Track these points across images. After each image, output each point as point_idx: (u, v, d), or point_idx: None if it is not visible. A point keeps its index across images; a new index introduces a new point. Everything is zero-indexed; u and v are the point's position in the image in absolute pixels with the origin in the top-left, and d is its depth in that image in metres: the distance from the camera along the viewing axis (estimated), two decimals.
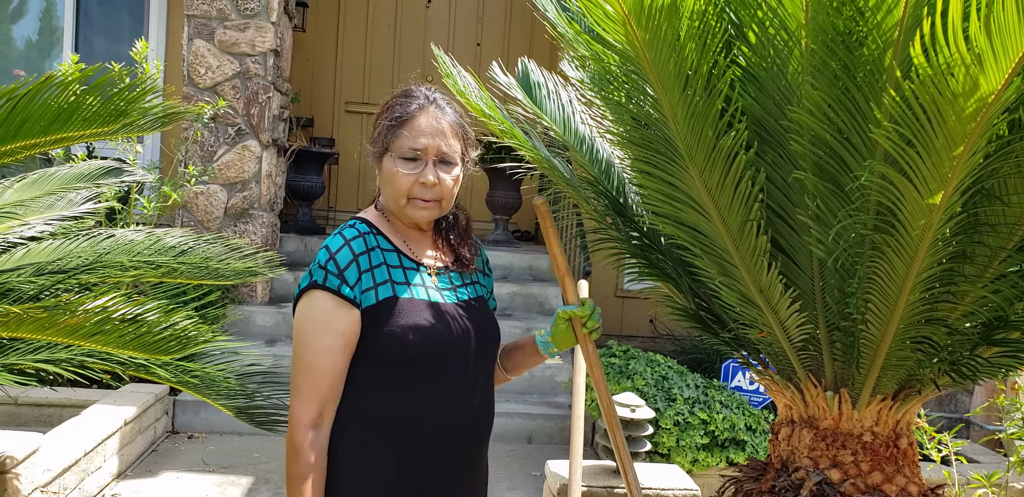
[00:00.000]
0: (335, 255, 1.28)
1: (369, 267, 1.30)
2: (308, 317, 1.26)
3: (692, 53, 1.15)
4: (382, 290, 1.30)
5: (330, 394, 1.26)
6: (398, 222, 1.39)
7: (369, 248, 1.32)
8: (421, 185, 1.31)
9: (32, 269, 1.82)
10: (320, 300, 1.26)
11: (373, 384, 1.29)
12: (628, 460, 1.46)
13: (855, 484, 1.30)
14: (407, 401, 1.29)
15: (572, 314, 1.46)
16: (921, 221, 1.09)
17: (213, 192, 4.62)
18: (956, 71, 0.96)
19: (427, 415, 1.30)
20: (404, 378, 1.29)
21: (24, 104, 1.26)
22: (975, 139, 1.02)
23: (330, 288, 1.25)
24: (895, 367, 1.30)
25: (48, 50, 5.59)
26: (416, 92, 1.38)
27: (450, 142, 1.34)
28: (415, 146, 1.31)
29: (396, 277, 1.33)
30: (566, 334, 1.47)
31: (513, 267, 5.29)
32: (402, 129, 1.33)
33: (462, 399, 1.33)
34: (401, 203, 1.34)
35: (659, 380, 3.51)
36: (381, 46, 6.36)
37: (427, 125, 1.33)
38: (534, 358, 1.52)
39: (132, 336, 1.19)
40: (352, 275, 1.27)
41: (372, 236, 1.35)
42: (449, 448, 1.32)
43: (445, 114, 1.36)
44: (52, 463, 2.67)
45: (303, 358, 1.26)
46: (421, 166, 1.32)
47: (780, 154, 1.30)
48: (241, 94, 4.57)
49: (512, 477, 3.52)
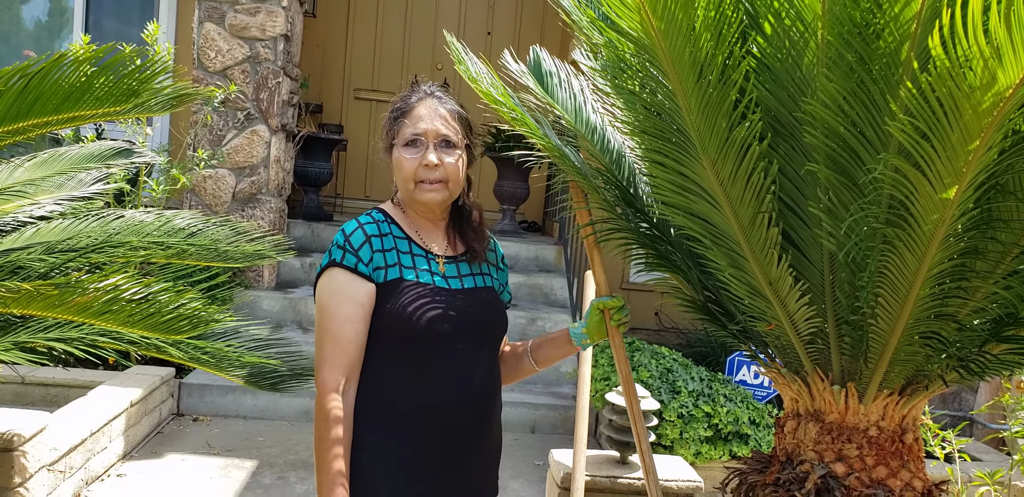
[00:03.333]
0: (350, 236, 1.37)
1: (381, 249, 1.38)
2: (330, 291, 1.35)
3: (707, 43, 1.14)
4: (391, 272, 1.37)
5: (355, 361, 1.34)
6: (413, 213, 1.47)
7: (381, 233, 1.40)
8: (424, 167, 1.38)
9: (42, 248, 1.83)
10: (339, 275, 1.35)
11: (379, 360, 1.36)
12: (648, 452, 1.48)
13: (860, 478, 1.30)
14: (408, 377, 1.36)
15: (605, 305, 1.51)
16: (934, 216, 1.09)
17: (221, 176, 4.62)
18: (974, 64, 0.95)
19: (427, 391, 1.36)
20: (405, 356, 1.36)
21: (37, 82, 1.26)
22: (991, 134, 1.01)
23: (347, 265, 1.35)
24: (903, 362, 1.30)
25: (58, 31, 5.59)
26: (417, 88, 1.47)
27: (451, 125, 1.41)
28: (415, 131, 1.39)
29: (405, 262, 1.40)
30: (600, 326, 1.52)
31: (519, 257, 5.29)
32: (404, 119, 1.41)
33: (463, 377, 1.39)
34: (410, 188, 1.40)
35: (664, 372, 3.51)
36: (391, 33, 6.33)
37: (426, 112, 1.41)
38: (565, 349, 1.56)
39: (141, 316, 1.20)
40: (366, 254, 1.36)
41: (386, 224, 1.42)
42: (452, 421, 1.37)
43: (444, 103, 1.44)
44: (59, 442, 2.70)
45: (328, 329, 1.33)
46: (423, 149, 1.39)
47: (793, 146, 1.29)
48: (251, 78, 4.57)
49: (515, 466, 3.54)
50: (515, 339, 2.93)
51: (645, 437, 1.51)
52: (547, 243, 5.46)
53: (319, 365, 1.34)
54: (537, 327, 4.59)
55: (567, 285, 4.96)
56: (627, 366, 1.55)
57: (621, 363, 1.53)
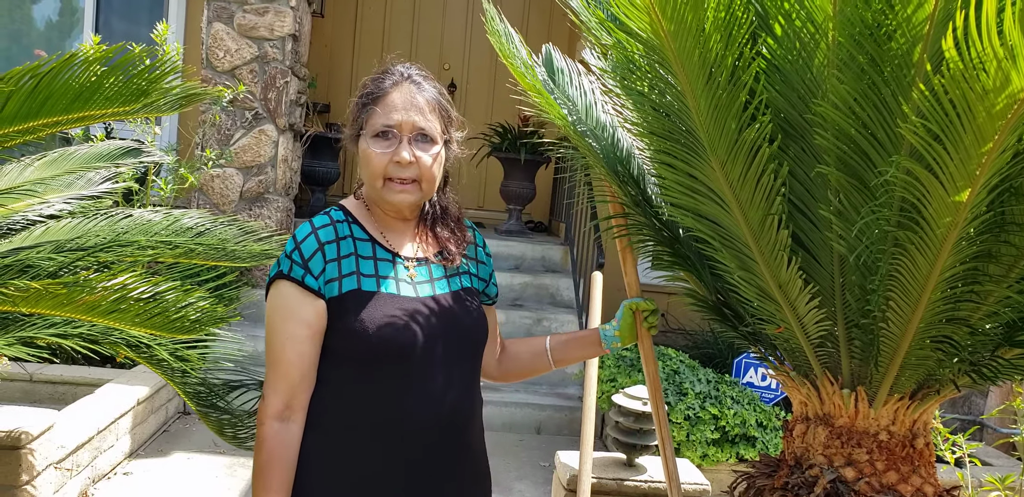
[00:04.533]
0: (300, 244, 1.23)
1: (336, 257, 1.24)
2: (274, 307, 1.22)
3: (717, 44, 1.13)
4: (347, 282, 1.24)
5: (299, 385, 1.22)
6: (379, 211, 1.32)
7: (339, 237, 1.26)
8: (396, 164, 1.23)
9: (51, 246, 1.84)
10: (286, 289, 1.21)
11: (338, 380, 1.25)
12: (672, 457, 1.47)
13: (870, 483, 1.29)
14: (369, 397, 1.24)
15: (638, 306, 1.45)
16: (946, 219, 1.08)
17: (229, 175, 4.64)
18: (988, 66, 0.94)
19: (389, 412, 1.24)
20: (366, 373, 1.24)
21: (47, 82, 1.27)
22: (1005, 136, 1.00)
23: (294, 278, 1.21)
24: (914, 366, 1.29)
25: (68, 31, 5.61)
26: (391, 70, 1.31)
27: (428, 117, 1.26)
28: (388, 122, 1.24)
29: (364, 269, 1.26)
30: (632, 328, 1.45)
31: (526, 258, 5.28)
32: (375, 106, 1.25)
33: (429, 396, 1.26)
34: (377, 186, 1.26)
35: (671, 374, 3.50)
36: (399, 34, 6.34)
37: (401, 100, 1.25)
38: (591, 350, 1.48)
39: (149, 315, 1.20)
40: (317, 265, 1.22)
41: (346, 224, 1.28)
42: (415, 446, 1.25)
43: (422, 90, 1.28)
44: (66, 440, 2.70)
45: (272, 348, 1.22)
46: (395, 144, 1.24)
47: (803, 148, 1.28)
48: (259, 78, 4.58)
49: (520, 467, 3.53)
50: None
51: (670, 442, 1.48)
52: (553, 243, 5.45)
53: (264, 386, 1.23)
54: (543, 327, 4.58)
55: (573, 285, 4.95)
56: (656, 370, 1.51)
57: (650, 367, 1.50)
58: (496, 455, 3.61)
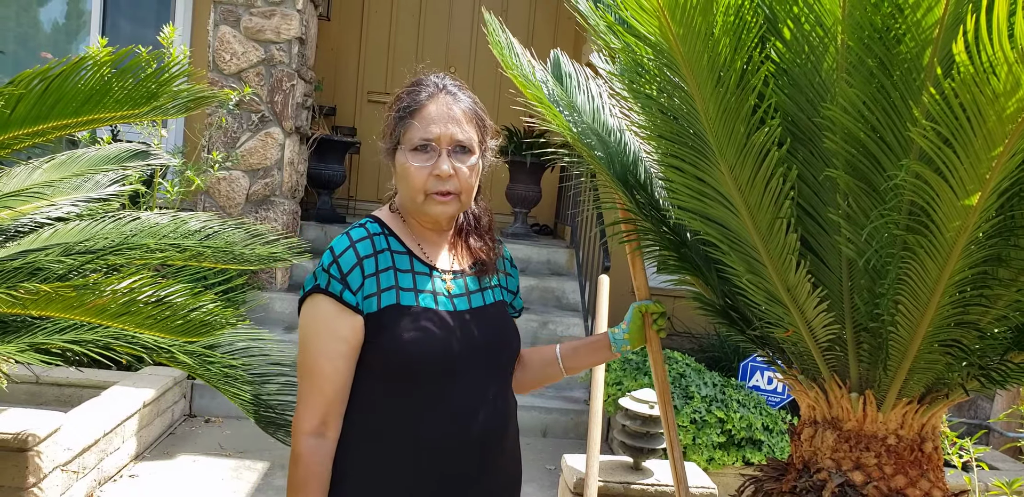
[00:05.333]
0: (339, 258, 1.21)
1: (375, 271, 1.22)
2: (310, 321, 1.21)
3: (726, 48, 1.13)
4: (385, 297, 1.22)
5: (334, 401, 1.20)
6: (414, 223, 1.31)
7: (377, 251, 1.24)
8: (436, 177, 1.23)
9: (59, 249, 1.84)
10: (322, 304, 1.20)
11: (374, 395, 1.23)
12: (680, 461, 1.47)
13: (878, 487, 1.29)
14: (407, 414, 1.23)
15: (647, 308, 1.45)
16: (956, 222, 1.07)
17: (235, 178, 4.65)
18: (999, 70, 0.93)
19: (426, 430, 1.23)
20: (405, 390, 1.23)
21: (57, 85, 1.27)
22: (1015, 140, 0.99)
23: (332, 293, 1.19)
24: (923, 370, 1.28)
25: (75, 34, 5.64)
26: (425, 81, 1.29)
27: (465, 128, 1.25)
28: (426, 136, 1.23)
29: (403, 283, 1.25)
30: (641, 331, 1.45)
31: (531, 261, 5.28)
32: (412, 119, 1.24)
33: (467, 414, 1.25)
34: (419, 200, 1.25)
35: (677, 378, 3.49)
36: (405, 37, 6.36)
37: (438, 113, 1.24)
38: (602, 355, 1.47)
39: (157, 318, 1.20)
40: (355, 280, 1.20)
41: (383, 237, 1.27)
42: (450, 464, 1.24)
43: (458, 101, 1.27)
44: (72, 442, 2.71)
45: (305, 363, 1.21)
46: (435, 157, 1.23)
47: (812, 152, 1.28)
48: (265, 81, 4.59)
49: (527, 471, 3.52)
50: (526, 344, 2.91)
51: (678, 445, 1.48)
52: (559, 246, 5.45)
53: (297, 402, 1.21)
54: (549, 331, 4.58)
55: (579, 289, 4.95)
56: (664, 373, 1.51)
57: (658, 370, 1.50)
58: None
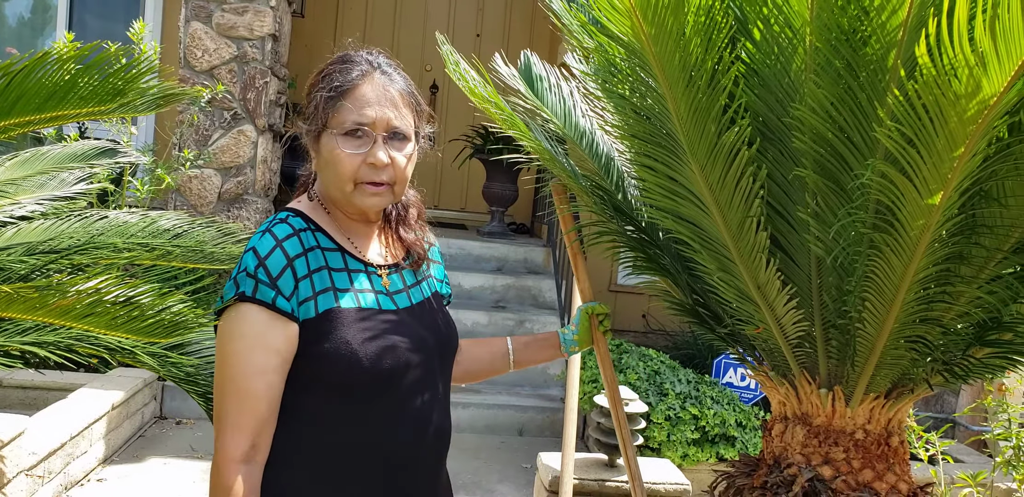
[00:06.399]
0: (265, 260, 1.06)
1: (307, 273, 1.09)
2: (236, 334, 1.06)
3: (697, 48, 1.14)
4: (322, 300, 1.09)
5: (267, 421, 1.06)
6: (340, 214, 1.19)
7: (306, 249, 1.11)
8: (370, 166, 1.11)
9: (23, 249, 1.81)
10: (250, 314, 1.05)
11: (313, 407, 1.11)
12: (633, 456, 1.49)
13: (846, 481, 1.31)
14: (354, 424, 1.12)
15: (594, 309, 1.46)
16: (920, 221, 1.10)
17: (207, 176, 4.59)
18: (960, 72, 0.96)
19: (376, 437, 1.12)
20: (352, 400, 1.11)
21: (20, 80, 1.24)
22: (976, 141, 1.02)
23: (262, 300, 1.05)
24: (889, 366, 1.31)
25: (41, 28, 5.53)
26: (356, 57, 1.16)
27: (403, 113, 1.14)
28: (360, 120, 1.11)
29: (339, 283, 1.13)
30: (589, 332, 1.46)
31: (508, 259, 5.29)
32: (344, 100, 1.11)
33: (419, 416, 1.16)
34: (347, 190, 1.13)
35: (651, 375, 3.52)
36: (380, 35, 6.32)
37: (374, 94, 1.12)
38: (550, 353, 1.45)
39: (125, 319, 1.18)
40: (287, 284, 1.06)
41: (309, 233, 1.13)
42: (408, 472, 1.16)
43: (393, 82, 1.16)
44: (38, 447, 2.66)
45: (231, 381, 1.05)
46: (369, 144, 1.11)
47: (781, 151, 1.30)
48: (238, 78, 4.54)
49: (503, 469, 3.53)
50: None
51: (630, 441, 1.51)
52: (536, 245, 5.46)
53: (220, 427, 1.05)
54: (525, 329, 4.58)
55: (556, 287, 4.96)
56: (612, 372, 1.55)
57: (606, 369, 1.54)
58: (478, 457, 3.61)
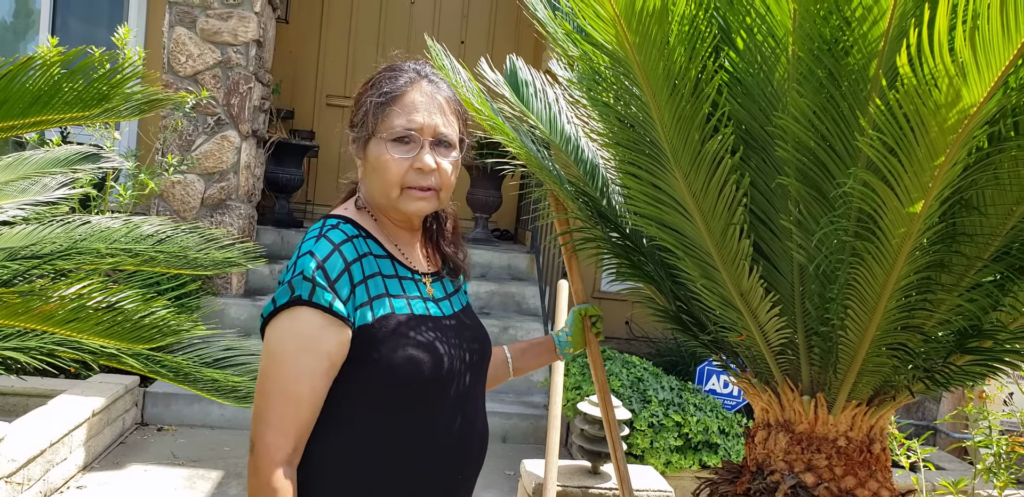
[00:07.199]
0: (324, 264, 1.06)
1: (362, 278, 1.10)
2: (288, 336, 1.06)
3: (681, 57, 1.15)
4: (377, 306, 1.10)
5: (307, 427, 1.07)
6: (386, 221, 1.21)
7: (360, 255, 1.12)
8: (417, 171, 1.13)
9: (4, 254, 1.78)
10: (305, 317, 1.04)
11: (362, 415, 1.11)
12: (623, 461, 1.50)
13: (829, 488, 1.32)
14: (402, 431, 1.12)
15: (587, 311, 1.48)
16: (901, 229, 1.11)
17: (190, 182, 4.56)
18: (940, 82, 0.97)
19: (426, 444, 1.13)
20: (403, 406, 1.12)
21: (3, 86, 1.23)
22: (956, 150, 1.03)
23: (319, 304, 1.04)
24: (871, 373, 1.32)
25: (23, 33, 5.48)
26: (403, 66, 1.19)
27: (449, 120, 1.17)
28: (409, 126, 1.12)
29: (392, 289, 1.14)
30: (582, 334, 1.48)
31: (492, 266, 5.29)
32: (393, 106, 1.13)
33: (466, 420, 1.18)
34: (393, 195, 1.15)
35: (634, 382, 3.52)
36: (364, 41, 6.32)
37: (422, 101, 1.14)
38: (546, 357, 1.48)
39: (107, 325, 1.16)
40: (344, 288, 1.07)
41: (361, 240, 1.14)
42: (453, 474, 1.18)
43: (440, 89, 1.18)
44: (16, 453, 2.62)
45: (279, 382, 1.05)
46: (416, 148, 1.13)
47: (764, 159, 1.31)
48: (222, 84, 4.52)
49: (486, 476, 3.51)
50: None
51: (620, 446, 1.52)
52: (519, 252, 5.47)
53: (262, 428, 1.04)
54: (509, 335, 4.58)
55: (539, 294, 4.97)
56: (603, 375, 1.56)
57: (598, 372, 1.55)
58: None
